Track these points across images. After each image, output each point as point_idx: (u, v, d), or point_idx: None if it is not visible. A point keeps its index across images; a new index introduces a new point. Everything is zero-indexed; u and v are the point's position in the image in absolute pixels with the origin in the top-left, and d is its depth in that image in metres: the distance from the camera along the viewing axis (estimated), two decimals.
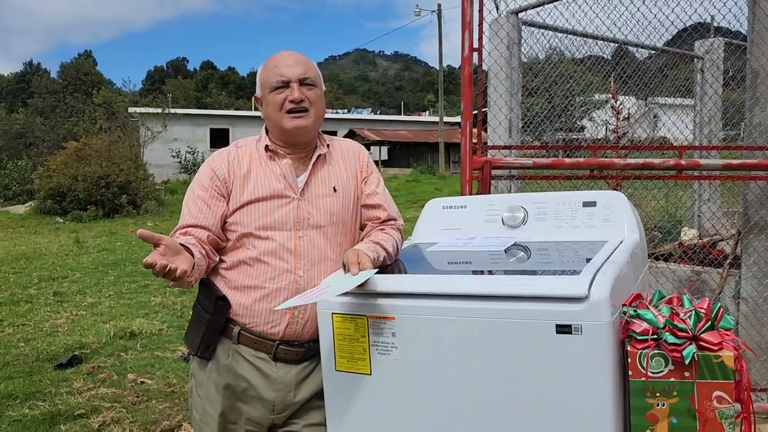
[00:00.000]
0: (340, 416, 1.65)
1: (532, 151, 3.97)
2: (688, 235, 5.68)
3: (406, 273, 1.77)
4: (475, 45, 2.77)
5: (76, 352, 5.00)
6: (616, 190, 4.46)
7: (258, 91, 1.79)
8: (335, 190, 1.78)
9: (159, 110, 23.54)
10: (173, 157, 22.23)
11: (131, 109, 25.53)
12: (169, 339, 5.48)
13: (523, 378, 1.43)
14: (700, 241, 4.40)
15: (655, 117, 7.56)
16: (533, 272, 1.68)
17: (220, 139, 30.47)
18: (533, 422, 1.42)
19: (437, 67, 31.35)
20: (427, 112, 47.21)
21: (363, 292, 1.59)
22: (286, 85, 1.71)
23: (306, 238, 1.72)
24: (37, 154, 24.35)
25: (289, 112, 1.70)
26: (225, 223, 1.73)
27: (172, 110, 25.28)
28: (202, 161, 19.52)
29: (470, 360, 1.47)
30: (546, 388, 1.41)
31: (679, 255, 3.89)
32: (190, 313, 6.01)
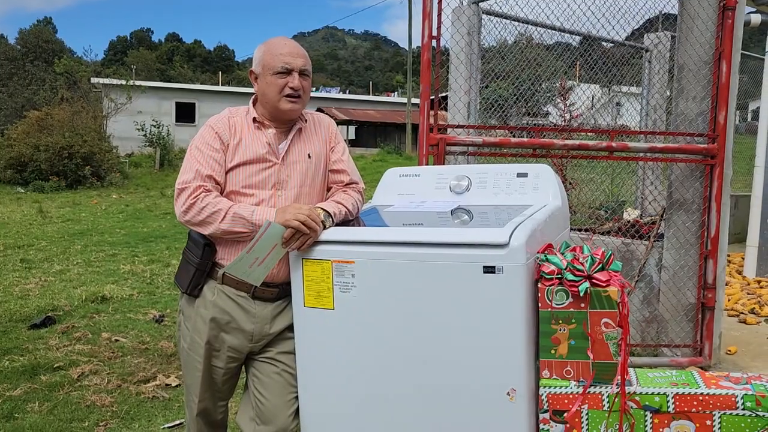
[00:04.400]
0: (308, 344, 1.98)
1: (485, 130, 4.31)
2: (632, 215, 6.16)
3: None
4: (434, 33, 3.08)
5: (50, 314, 5.19)
6: (561, 169, 4.87)
7: (257, 69, 2.06)
8: (309, 157, 2.09)
9: (123, 82, 23.18)
10: (138, 130, 21.96)
11: (94, 80, 25.03)
12: (140, 303, 5.71)
13: (457, 309, 1.77)
14: (634, 218, 4.84)
15: (618, 105, 7.99)
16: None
17: (186, 113, 30.07)
18: (465, 343, 1.77)
19: (407, 48, 31.52)
20: (396, 92, 47.37)
21: (327, 240, 1.91)
22: (288, 72, 2.00)
23: (284, 196, 2.02)
24: None
25: (287, 96, 2.00)
26: None
27: (138, 82, 24.88)
28: (168, 135, 19.34)
29: (415, 295, 1.81)
30: (475, 317, 1.75)
31: (615, 229, 4.32)
32: (160, 281, 6.22)
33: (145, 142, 22.52)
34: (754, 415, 1.63)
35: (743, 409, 1.63)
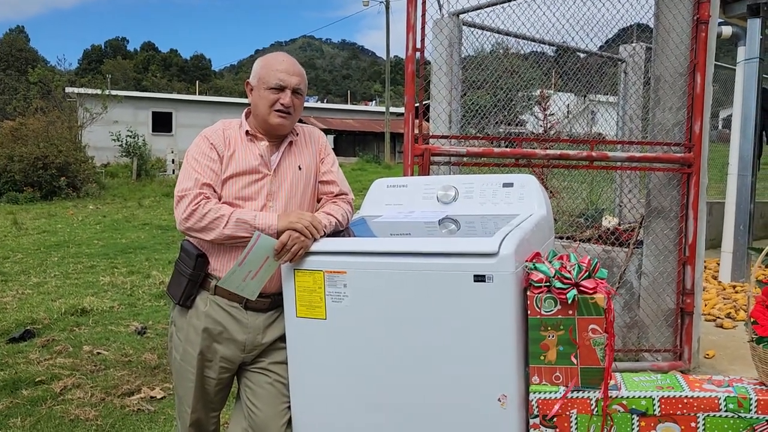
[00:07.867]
0: (300, 354, 2.00)
1: (468, 141, 4.38)
2: (612, 222, 6.27)
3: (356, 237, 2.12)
4: (418, 45, 3.13)
5: (28, 327, 5.10)
6: (542, 178, 4.95)
7: (253, 81, 2.09)
8: (300, 169, 2.12)
9: (99, 91, 22.91)
10: (114, 140, 21.70)
11: (69, 89, 24.72)
12: (121, 315, 5.64)
13: (448, 317, 1.80)
14: (614, 225, 4.94)
15: (592, 113, 8.14)
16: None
17: (162, 122, 29.84)
18: (456, 350, 1.80)
19: (384, 57, 31.67)
20: (374, 101, 47.51)
21: (319, 251, 1.94)
22: (282, 89, 2.04)
23: (274, 207, 2.05)
24: None
25: (277, 111, 2.04)
26: None
27: (114, 92, 24.62)
28: (144, 145, 19.17)
29: (407, 304, 1.84)
30: (466, 325, 1.79)
31: (596, 237, 4.40)
32: (140, 293, 6.17)
33: (122, 152, 22.27)
34: (736, 416, 1.68)
35: (726, 411, 1.69)
